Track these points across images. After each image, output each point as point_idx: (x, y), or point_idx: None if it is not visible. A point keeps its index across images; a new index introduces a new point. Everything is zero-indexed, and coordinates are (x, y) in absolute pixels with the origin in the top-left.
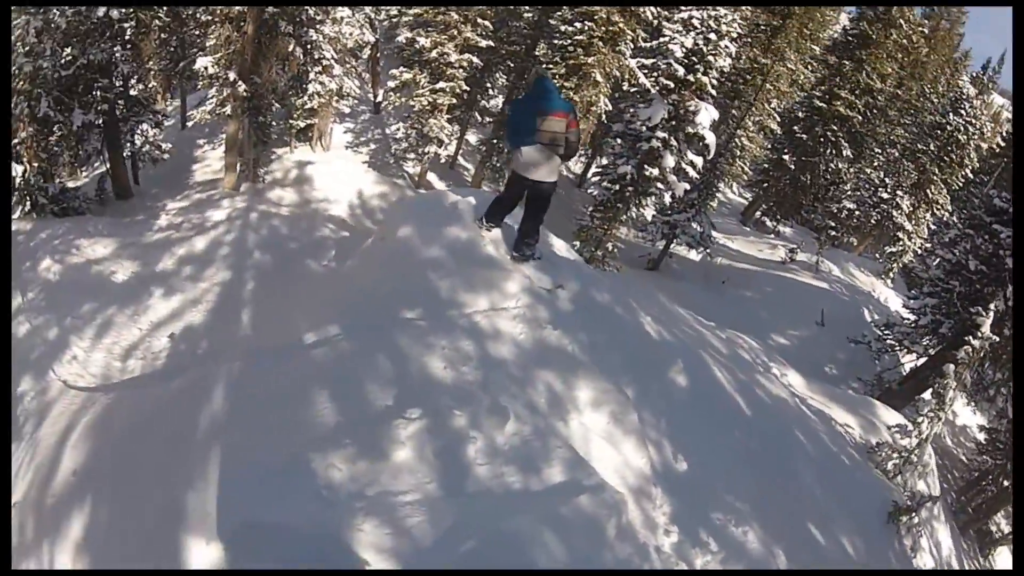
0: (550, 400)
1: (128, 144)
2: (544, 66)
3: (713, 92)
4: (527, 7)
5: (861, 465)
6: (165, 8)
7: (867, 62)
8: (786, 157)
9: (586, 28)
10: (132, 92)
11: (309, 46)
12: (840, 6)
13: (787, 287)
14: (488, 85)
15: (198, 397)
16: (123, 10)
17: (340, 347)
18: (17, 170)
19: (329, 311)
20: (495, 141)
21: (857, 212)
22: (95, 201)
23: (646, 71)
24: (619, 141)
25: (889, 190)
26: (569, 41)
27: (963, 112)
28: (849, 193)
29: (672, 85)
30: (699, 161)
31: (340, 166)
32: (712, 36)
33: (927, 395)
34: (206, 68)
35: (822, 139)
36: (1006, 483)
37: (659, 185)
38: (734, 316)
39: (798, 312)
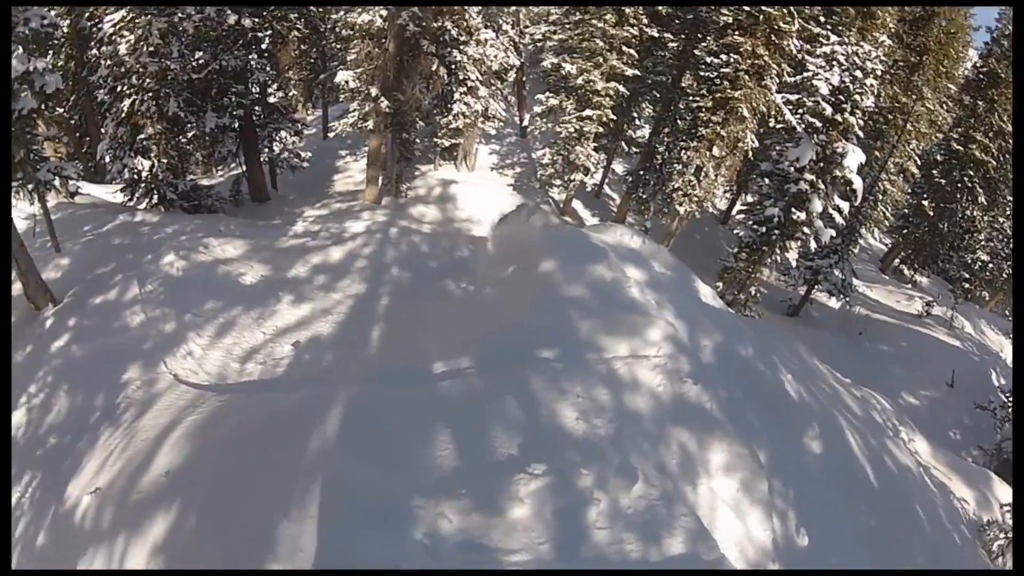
0: (682, 461)
1: (266, 150)
2: (691, 98)
3: (860, 133)
4: (671, 36)
5: (970, 544)
6: (303, 20)
7: (998, 102)
8: (925, 203)
9: (732, 61)
10: (271, 99)
11: (453, 66)
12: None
13: (922, 343)
14: (635, 114)
15: (312, 416)
16: (257, 19)
17: (470, 382)
18: (144, 164)
19: (463, 339)
20: (641, 172)
21: (990, 264)
22: (229, 201)
23: (791, 107)
24: (767, 181)
25: None
26: (715, 74)
27: None
28: (983, 243)
29: (818, 124)
30: (845, 206)
31: (485, 187)
32: (858, 74)
33: None
34: (347, 82)
35: (959, 184)
36: None
37: (805, 230)
38: (869, 371)
39: (930, 371)
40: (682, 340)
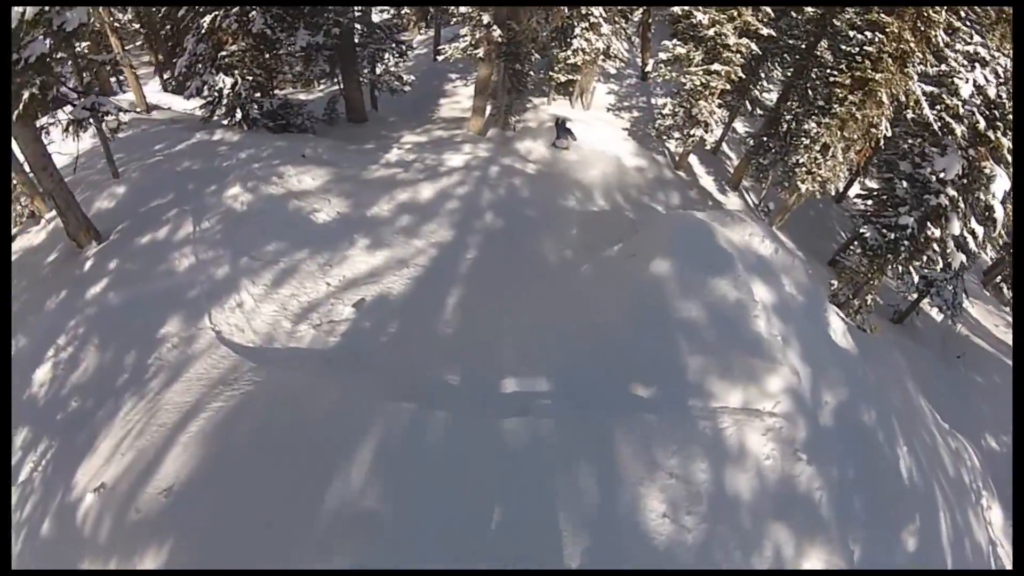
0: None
1: (367, 70)
2: (827, 71)
3: (1009, 157)
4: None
5: None
6: None
7: None
8: None
9: (876, 40)
10: (374, 18)
11: None
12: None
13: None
14: (762, 75)
15: (344, 442)
16: None
17: (540, 427)
18: (226, 82)
19: (547, 341)
20: (764, 138)
21: None
22: (323, 120)
23: (927, 100)
24: (904, 184)
25: None
26: (857, 50)
27: None
28: None
29: (955, 127)
30: (980, 231)
31: (599, 128)
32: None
33: None
34: (458, 7)
35: None
36: None
37: (936, 247)
38: (959, 403)
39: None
40: (803, 395)
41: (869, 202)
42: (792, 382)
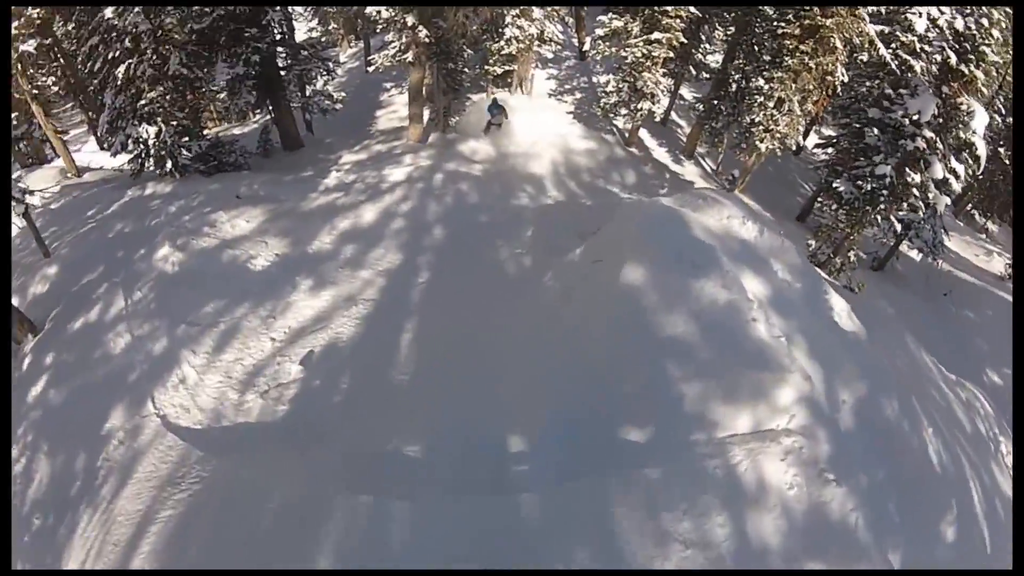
0: None
1: (296, 94)
2: (773, 24)
3: (985, 90)
4: None
5: None
6: None
7: None
8: (1001, 150)
9: None
10: (298, 37)
11: None
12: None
13: (1006, 314)
14: (703, 37)
15: (299, 549)
16: None
17: (519, 505)
18: (150, 131)
19: (514, 382)
20: (715, 102)
21: None
22: (257, 153)
23: (881, 39)
24: (875, 131)
25: None
26: None
27: None
28: None
29: (915, 64)
30: (961, 170)
31: (543, 115)
32: (984, 22)
33: None
34: (379, 12)
35: None
36: None
37: (916, 192)
38: (955, 344)
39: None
40: (819, 400)
41: (831, 151)
42: (805, 389)
